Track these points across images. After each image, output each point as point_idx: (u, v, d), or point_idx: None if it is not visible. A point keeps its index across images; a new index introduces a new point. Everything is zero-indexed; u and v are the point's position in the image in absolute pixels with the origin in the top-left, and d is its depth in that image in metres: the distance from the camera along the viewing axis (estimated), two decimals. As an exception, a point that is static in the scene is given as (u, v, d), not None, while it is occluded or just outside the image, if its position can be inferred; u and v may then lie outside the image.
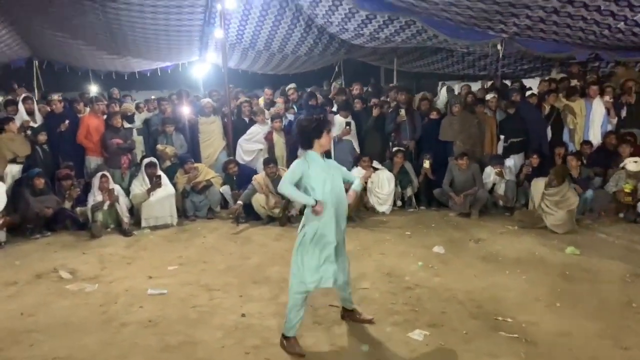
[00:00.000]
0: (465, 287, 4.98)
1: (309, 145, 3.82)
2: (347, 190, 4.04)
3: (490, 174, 7.82)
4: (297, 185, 3.85)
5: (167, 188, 7.48)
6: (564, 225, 6.68)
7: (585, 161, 7.88)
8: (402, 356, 3.71)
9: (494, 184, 7.85)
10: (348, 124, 7.98)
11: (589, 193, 7.40)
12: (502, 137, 8.27)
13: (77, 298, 4.94)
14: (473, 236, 6.70)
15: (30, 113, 7.89)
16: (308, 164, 3.78)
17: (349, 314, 4.28)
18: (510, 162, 8.11)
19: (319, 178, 3.76)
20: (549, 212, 6.77)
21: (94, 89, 12.76)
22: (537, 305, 4.55)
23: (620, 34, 7.07)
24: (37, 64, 13.43)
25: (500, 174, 7.70)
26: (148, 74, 14.51)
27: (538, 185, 6.94)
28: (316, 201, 3.74)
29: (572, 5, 6.91)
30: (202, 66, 13.12)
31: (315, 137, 3.79)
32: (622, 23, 6.71)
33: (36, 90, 12.00)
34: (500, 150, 8.28)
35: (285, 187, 3.80)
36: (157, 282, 5.29)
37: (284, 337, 3.86)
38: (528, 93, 8.70)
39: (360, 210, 7.88)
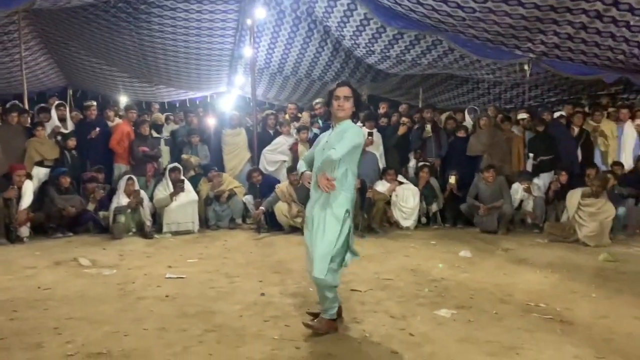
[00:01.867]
0: (495, 281, 4.77)
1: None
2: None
3: (518, 190, 7.61)
4: None
5: (189, 194, 7.46)
6: (597, 237, 6.42)
7: (617, 181, 7.65)
8: (429, 328, 3.52)
9: (521, 201, 7.64)
10: (371, 134, 7.91)
11: (622, 210, 7.14)
12: (531, 155, 8.13)
13: (95, 279, 4.88)
14: (501, 246, 6.47)
15: (62, 120, 8.08)
16: (321, 137, 3.66)
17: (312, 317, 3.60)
18: (540, 181, 7.93)
19: (318, 148, 3.52)
20: (583, 223, 6.52)
21: (123, 99, 13.03)
22: (571, 296, 4.32)
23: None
24: (71, 92, 13.95)
25: (528, 190, 7.50)
26: (177, 105, 14.88)
27: (574, 196, 6.69)
28: (302, 173, 3.63)
29: (601, 20, 6.91)
30: (229, 97, 13.46)
31: (329, 105, 3.58)
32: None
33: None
34: (529, 169, 8.11)
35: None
36: (176, 270, 5.19)
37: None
38: (557, 114, 8.62)
39: (384, 225, 7.73)
